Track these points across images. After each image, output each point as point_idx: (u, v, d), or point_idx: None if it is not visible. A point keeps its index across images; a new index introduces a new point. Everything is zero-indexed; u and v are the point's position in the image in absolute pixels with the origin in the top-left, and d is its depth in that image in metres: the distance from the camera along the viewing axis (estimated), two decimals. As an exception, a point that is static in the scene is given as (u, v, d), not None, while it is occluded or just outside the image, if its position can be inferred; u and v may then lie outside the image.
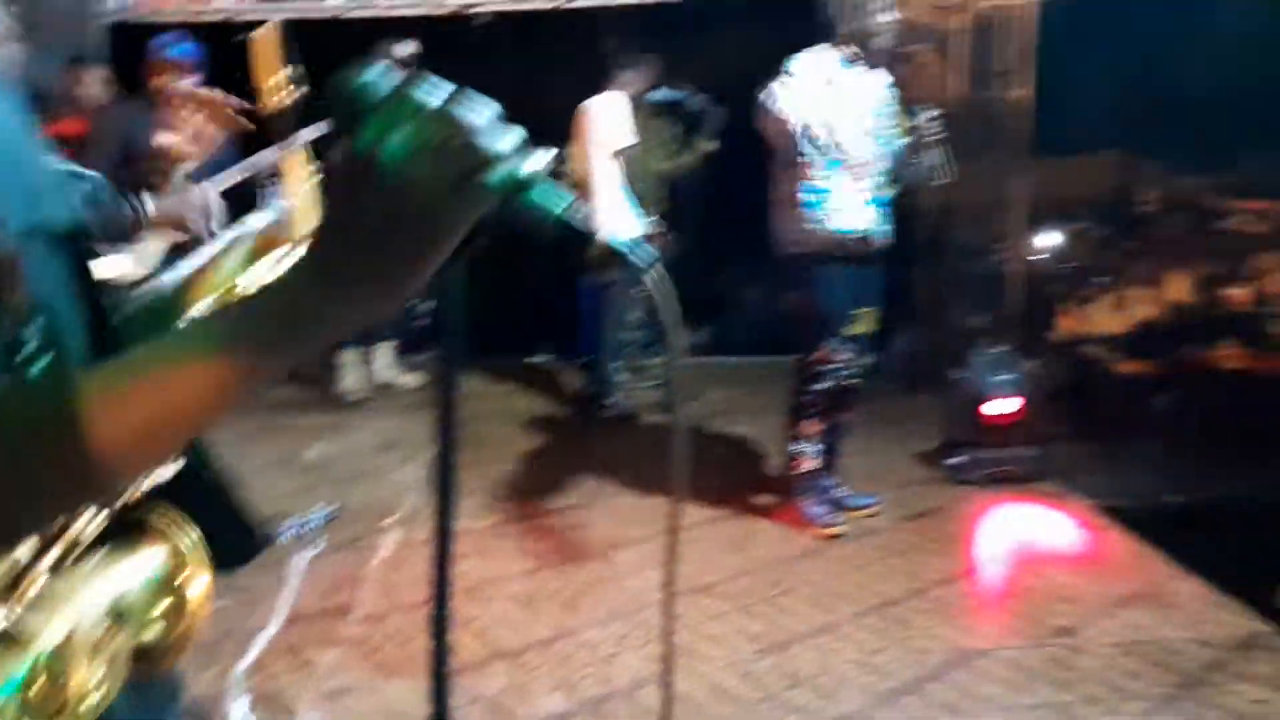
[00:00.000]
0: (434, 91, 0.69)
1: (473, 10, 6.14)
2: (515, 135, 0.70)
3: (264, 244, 1.35)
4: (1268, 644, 3.42)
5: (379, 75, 0.70)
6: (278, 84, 2.32)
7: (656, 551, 4.15)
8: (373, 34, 5.98)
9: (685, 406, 1.07)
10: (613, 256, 0.85)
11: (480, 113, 0.69)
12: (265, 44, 2.30)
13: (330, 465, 5.11)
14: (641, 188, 5.37)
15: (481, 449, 5.16)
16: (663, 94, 5.49)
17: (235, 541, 1.10)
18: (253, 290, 0.73)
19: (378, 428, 5.68)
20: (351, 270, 0.69)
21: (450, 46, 6.91)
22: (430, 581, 0.89)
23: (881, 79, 4.11)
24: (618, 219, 5.34)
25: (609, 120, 5.28)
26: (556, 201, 0.77)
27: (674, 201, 6.03)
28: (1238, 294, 7.73)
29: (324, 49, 5.92)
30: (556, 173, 0.75)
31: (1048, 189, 10.87)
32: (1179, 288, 7.84)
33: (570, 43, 6.59)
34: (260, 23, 2.42)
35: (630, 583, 3.93)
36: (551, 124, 6.32)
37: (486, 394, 6.32)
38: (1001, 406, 5.00)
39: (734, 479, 4.86)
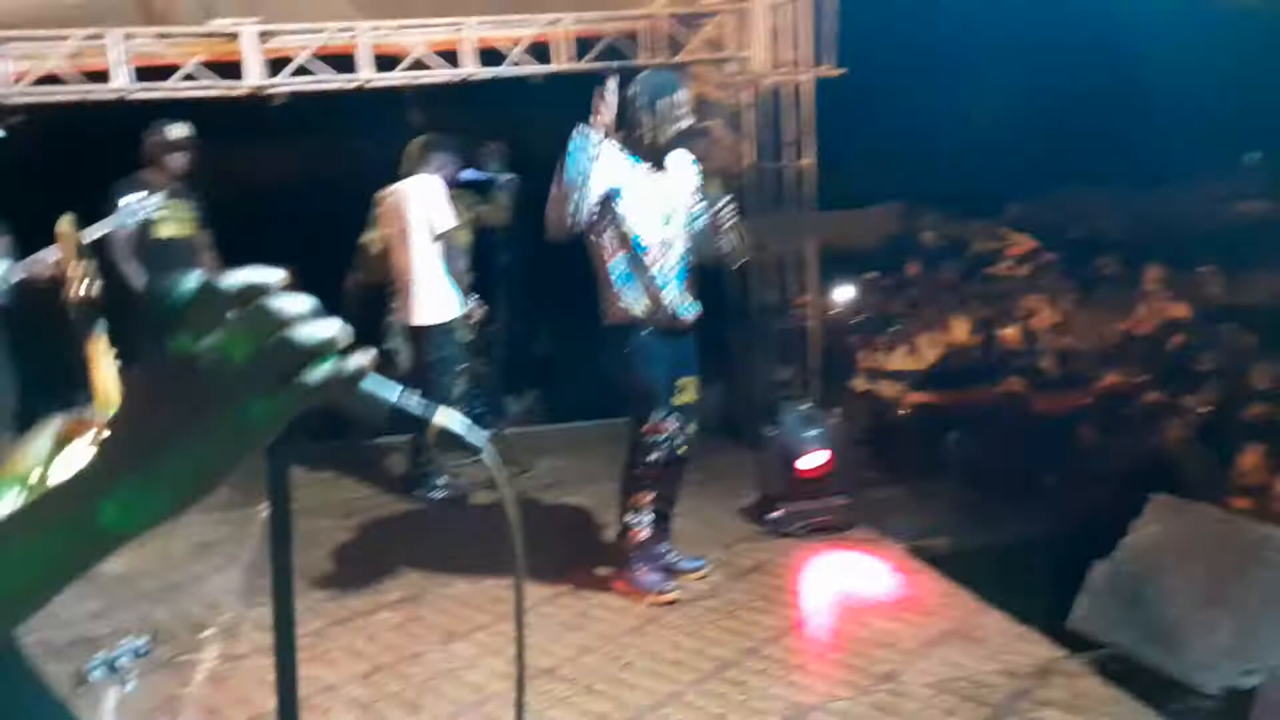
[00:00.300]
0: (250, 288, 0.66)
1: (270, 90, 5.99)
2: (336, 327, 0.68)
3: (71, 429, 1.33)
4: (1063, 669, 3.77)
5: (196, 278, 0.68)
6: (77, 275, 2.24)
7: (495, 640, 4.12)
8: (160, 115, 5.78)
9: (515, 484, 1.13)
10: (449, 439, 0.89)
11: (298, 307, 0.66)
12: (66, 238, 2.24)
13: (138, 578, 4.78)
14: (458, 267, 5.38)
15: (303, 545, 4.98)
16: (471, 174, 5.55)
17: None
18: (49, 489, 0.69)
19: (188, 532, 5.37)
20: (141, 472, 0.67)
21: (247, 128, 6.73)
22: (275, 690, 0.88)
23: (681, 159, 4.30)
24: (437, 304, 5.33)
25: (426, 204, 5.28)
26: (387, 390, 0.77)
27: (498, 271, 6.07)
28: (1010, 334, 8.53)
29: (110, 131, 5.65)
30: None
31: (838, 242, 11.67)
32: (960, 330, 8.57)
33: (374, 124, 6.55)
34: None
35: (471, 676, 3.89)
36: (356, 207, 6.31)
37: (306, 483, 6.10)
38: (811, 460, 5.28)
39: (569, 553, 4.90)
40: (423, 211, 5.25)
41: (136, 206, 4.25)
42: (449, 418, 0.90)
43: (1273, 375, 6.80)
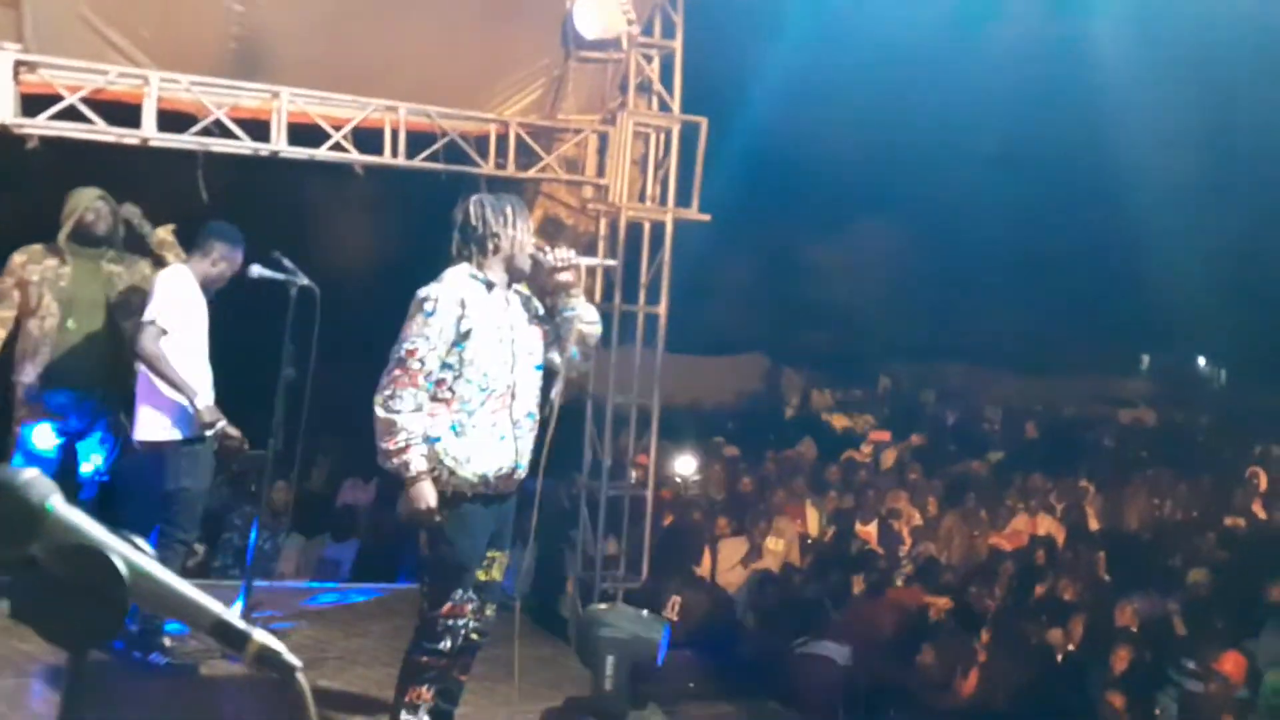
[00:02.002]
0: None
1: (22, 130, 5.67)
2: None
3: None
4: None
5: None
6: None
7: None
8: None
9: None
10: (268, 656, 0.98)
11: None
12: None
13: None
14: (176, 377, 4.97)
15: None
16: (260, 270, 5.27)
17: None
18: None
19: None
20: None
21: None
22: None
23: (528, 299, 4.18)
24: (168, 416, 4.93)
25: (165, 293, 4.92)
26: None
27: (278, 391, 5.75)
28: (866, 531, 8.71)
29: None
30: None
31: (687, 395, 11.85)
32: (812, 521, 8.70)
33: (157, 189, 6.27)
34: None
35: None
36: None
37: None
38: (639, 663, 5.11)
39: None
40: (170, 302, 4.89)
41: None
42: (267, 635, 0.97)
43: (1138, 616, 7.09)
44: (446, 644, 4.04)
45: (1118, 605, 7.23)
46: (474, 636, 4.16)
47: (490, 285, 4.03)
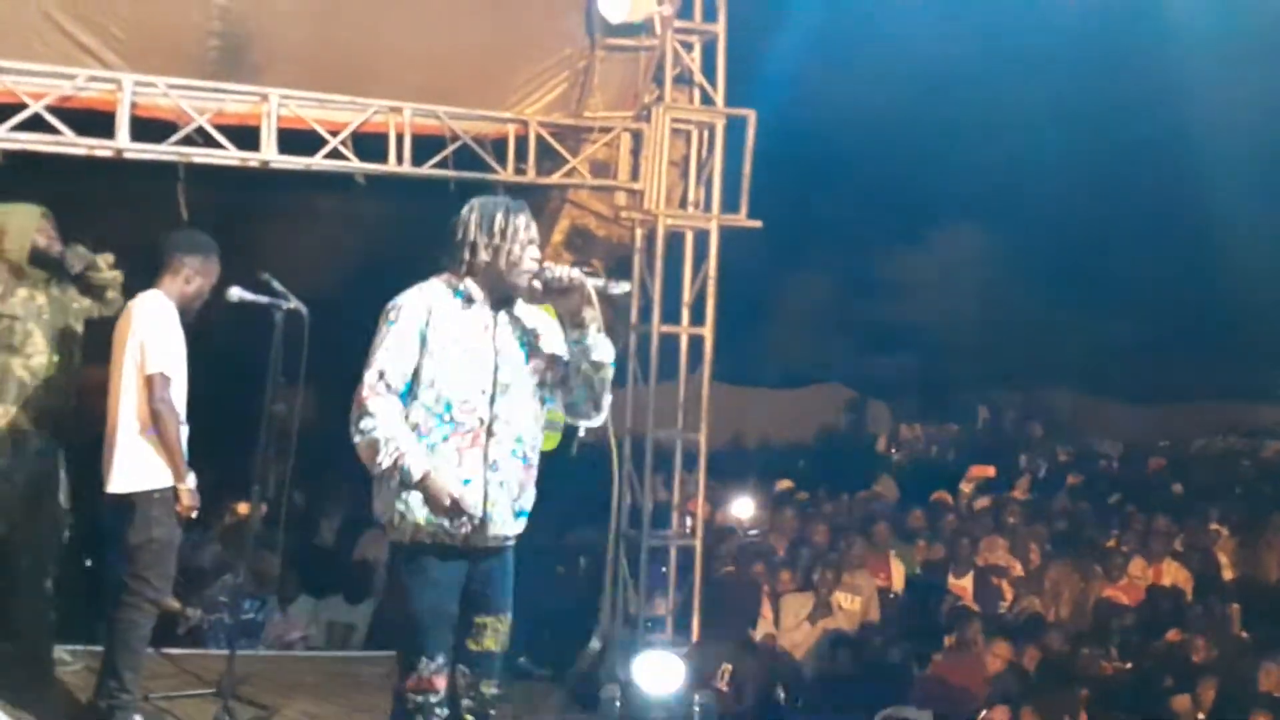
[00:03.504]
0: None
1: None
2: None
3: None
4: None
5: None
6: None
7: None
8: None
9: None
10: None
11: None
12: None
13: None
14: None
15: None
16: (240, 293, 5.23)
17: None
18: None
19: None
20: None
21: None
22: None
23: (530, 316, 3.96)
24: (145, 466, 4.91)
25: (141, 330, 4.91)
26: None
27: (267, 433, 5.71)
28: (960, 585, 8.45)
29: None
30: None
31: (744, 429, 11.67)
32: (897, 574, 8.46)
33: (135, 205, 6.30)
34: None
35: None
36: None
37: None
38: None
39: None
40: (136, 341, 4.88)
41: None
42: None
43: (1281, 679, 6.79)
44: None
45: (1261, 667, 6.92)
46: (468, 718, 3.96)
47: (469, 300, 3.88)
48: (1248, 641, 7.73)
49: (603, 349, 3.83)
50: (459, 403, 3.76)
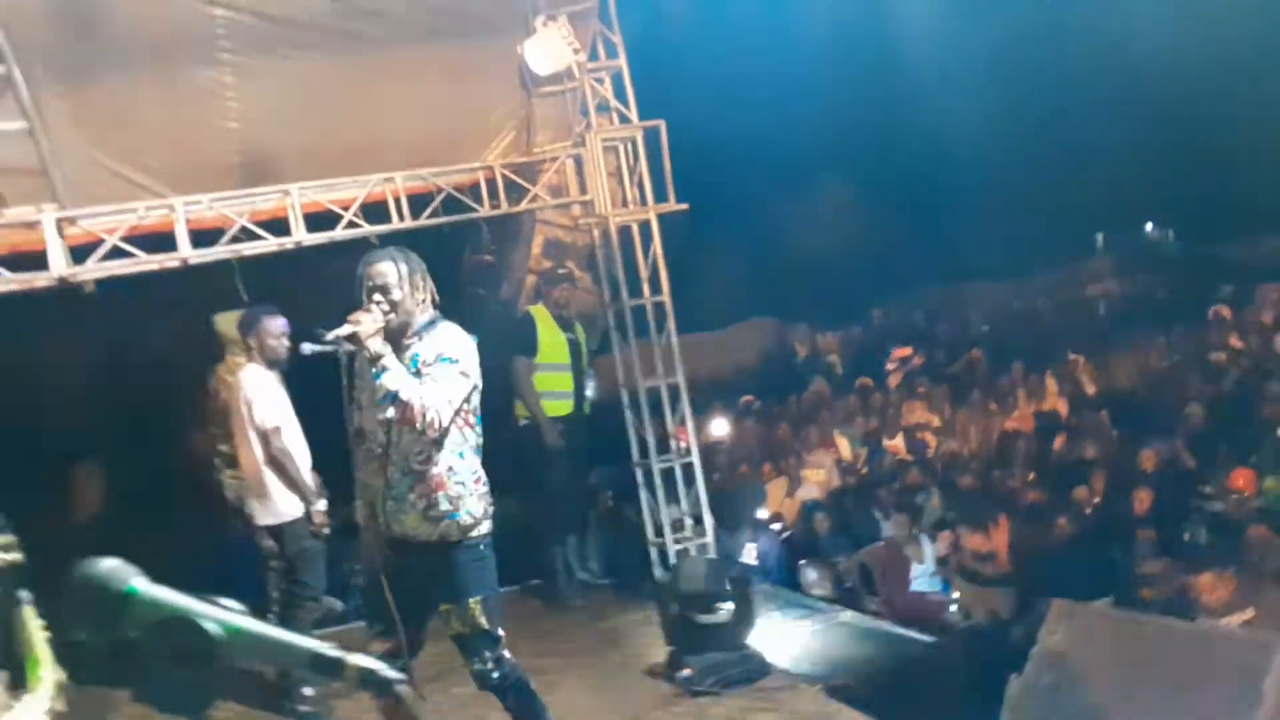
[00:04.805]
0: None
1: (79, 279, 5.74)
2: None
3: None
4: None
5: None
6: None
7: None
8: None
9: None
10: (367, 676, 1.04)
11: None
12: None
13: None
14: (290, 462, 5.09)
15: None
16: (308, 347, 5.33)
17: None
18: None
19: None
20: None
21: (55, 321, 6.43)
22: None
23: (444, 335, 3.71)
24: (282, 500, 5.06)
25: (250, 395, 5.05)
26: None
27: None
28: (894, 445, 8.73)
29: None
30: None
31: (706, 366, 11.86)
32: (844, 448, 8.73)
33: (184, 304, 6.33)
34: None
35: None
36: (190, 398, 6.01)
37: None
38: (715, 612, 5.17)
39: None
40: (256, 403, 5.02)
41: None
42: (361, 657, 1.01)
43: (1156, 459, 7.08)
44: None
45: (1140, 454, 7.20)
46: (486, 686, 3.75)
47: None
48: (1118, 439, 8.04)
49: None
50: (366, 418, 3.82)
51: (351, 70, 6.04)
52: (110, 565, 1.33)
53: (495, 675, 3.70)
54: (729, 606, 5.21)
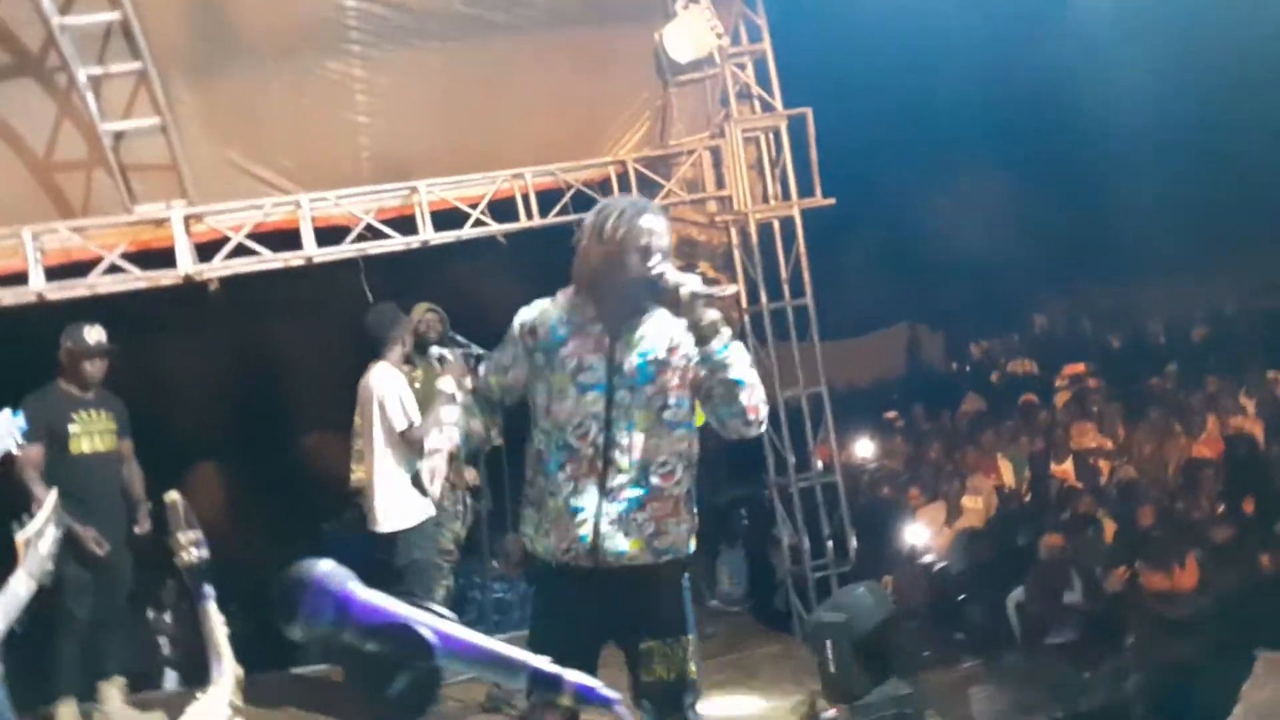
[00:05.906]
0: None
1: (204, 277, 5.91)
2: None
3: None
4: None
5: None
6: (188, 542, 2.57)
7: None
8: (79, 315, 5.63)
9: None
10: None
11: None
12: (173, 506, 2.59)
13: None
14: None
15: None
16: (438, 350, 5.39)
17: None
18: None
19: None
20: None
21: (180, 319, 6.64)
22: None
23: (660, 331, 3.02)
24: (400, 507, 5.08)
25: (380, 396, 5.09)
26: None
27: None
28: (1062, 470, 8.23)
29: (26, 332, 5.47)
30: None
31: (844, 375, 11.55)
32: (1006, 472, 8.28)
33: (317, 303, 6.45)
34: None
35: None
36: (314, 398, 6.13)
37: None
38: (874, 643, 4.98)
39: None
40: (377, 405, 5.07)
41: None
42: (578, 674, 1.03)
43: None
44: None
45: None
46: None
47: (581, 315, 3.11)
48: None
49: (733, 365, 2.89)
50: (571, 428, 2.99)
51: (481, 61, 6.04)
52: (327, 567, 1.36)
53: None
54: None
